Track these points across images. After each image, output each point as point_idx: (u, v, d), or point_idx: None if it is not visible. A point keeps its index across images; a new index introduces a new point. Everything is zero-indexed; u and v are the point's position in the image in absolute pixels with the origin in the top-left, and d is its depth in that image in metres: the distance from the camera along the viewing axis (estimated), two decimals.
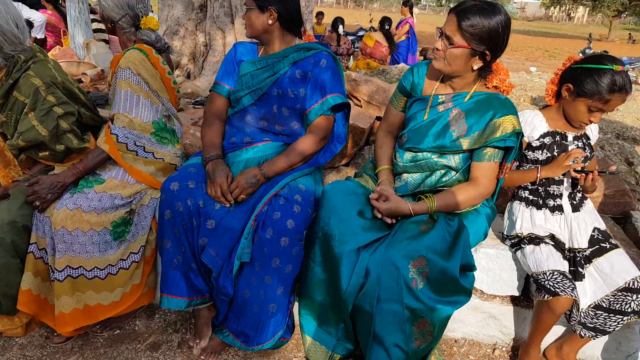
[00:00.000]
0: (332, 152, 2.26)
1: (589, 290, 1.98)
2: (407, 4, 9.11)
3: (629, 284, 1.87)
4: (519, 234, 2.08)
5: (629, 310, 1.86)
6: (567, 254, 2.03)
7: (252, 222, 1.93)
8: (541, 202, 2.09)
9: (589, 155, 2.04)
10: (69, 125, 2.19)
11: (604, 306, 1.92)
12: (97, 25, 6.55)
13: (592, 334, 1.93)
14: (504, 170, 1.95)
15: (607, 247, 2.00)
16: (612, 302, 1.90)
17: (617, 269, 1.92)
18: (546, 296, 1.87)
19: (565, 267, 1.94)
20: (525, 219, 2.09)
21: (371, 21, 15.53)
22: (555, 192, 2.08)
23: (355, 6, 54.28)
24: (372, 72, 5.81)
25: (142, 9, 2.23)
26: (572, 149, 1.99)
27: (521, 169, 2.13)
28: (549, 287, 1.85)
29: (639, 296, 1.85)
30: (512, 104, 1.92)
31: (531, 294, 2.20)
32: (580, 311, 1.94)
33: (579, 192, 2.11)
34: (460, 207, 1.95)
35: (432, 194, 1.97)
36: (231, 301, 2.04)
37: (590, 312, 1.95)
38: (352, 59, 8.97)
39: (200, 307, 2.14)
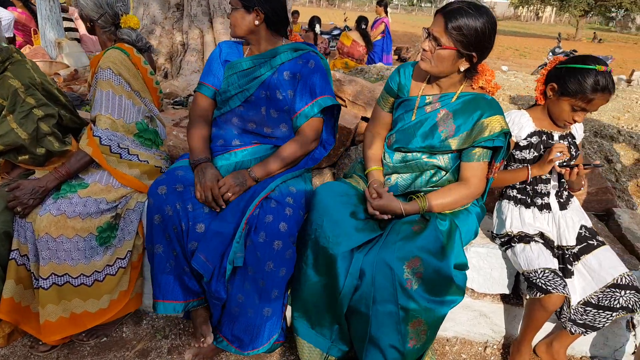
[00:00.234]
0: (322, 154, 2.25)
1: (578, 287, 2.01)
2: (382, 4, 9.15)
3: (616, 281, 1.91)
4: (509, 233, 2.09)
5: (617, 306, 1.89)
6: (556, 252, 2.06)
7: (243, 225, 1.89)
8: (529, 200, 2.11)
9: (574, 154, 2.07)
10: (49, 127, 2.12)
11: (593, 302, 1.95)
12: (68, 24, 6.38)
13: (582, 330, 1.96)
14: (493, 169, 1.97)
15: (595, 244, 2.03)
16: (600, 299, 1.93)
17: (605, 266, 1.96)
18: (538, 294, 1.89)
19: (555, 264, 1.96)
20: (514, 217, 2.11)
21: (345, 20, 15.57)
22: (542, 191, 2.10)
23: (328, 5, 54.30)
24: (351, 71, 5.82)
25: (122, 7, 2.17)
26: (555, 144, 2.02)
27: (509, 168, 2.15)
28: (540, 285, 1.87)
29: (627, 292, 1.88)
30: (499, 105, 1.94)
31: (522, 292, 2.23)
32: (570, 308, 1.96)
33: (566, 191, 2.14)
34: (452, 207, 1.96)
35: (423, 194, 1.97)
36: (224, 305, 2.00)
37: (579, 309, 1.98)
38: (328, 59, 8.97)
39: (197, 308, 2.09)
